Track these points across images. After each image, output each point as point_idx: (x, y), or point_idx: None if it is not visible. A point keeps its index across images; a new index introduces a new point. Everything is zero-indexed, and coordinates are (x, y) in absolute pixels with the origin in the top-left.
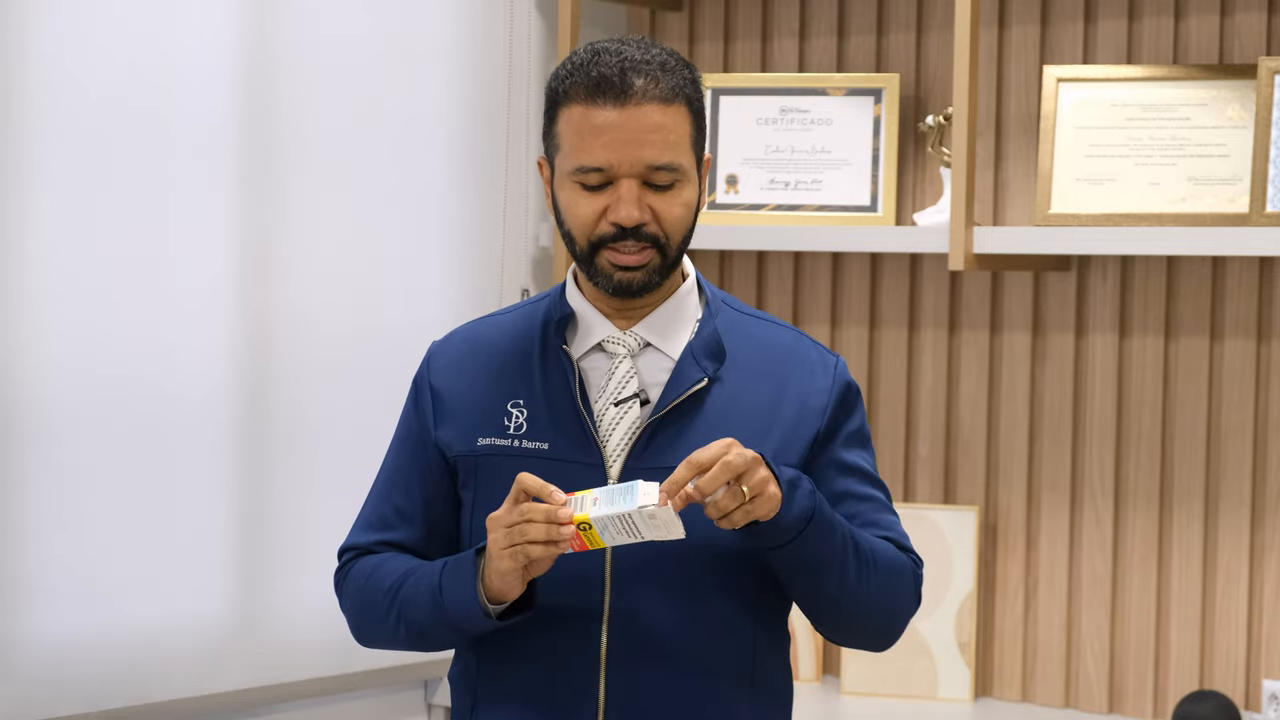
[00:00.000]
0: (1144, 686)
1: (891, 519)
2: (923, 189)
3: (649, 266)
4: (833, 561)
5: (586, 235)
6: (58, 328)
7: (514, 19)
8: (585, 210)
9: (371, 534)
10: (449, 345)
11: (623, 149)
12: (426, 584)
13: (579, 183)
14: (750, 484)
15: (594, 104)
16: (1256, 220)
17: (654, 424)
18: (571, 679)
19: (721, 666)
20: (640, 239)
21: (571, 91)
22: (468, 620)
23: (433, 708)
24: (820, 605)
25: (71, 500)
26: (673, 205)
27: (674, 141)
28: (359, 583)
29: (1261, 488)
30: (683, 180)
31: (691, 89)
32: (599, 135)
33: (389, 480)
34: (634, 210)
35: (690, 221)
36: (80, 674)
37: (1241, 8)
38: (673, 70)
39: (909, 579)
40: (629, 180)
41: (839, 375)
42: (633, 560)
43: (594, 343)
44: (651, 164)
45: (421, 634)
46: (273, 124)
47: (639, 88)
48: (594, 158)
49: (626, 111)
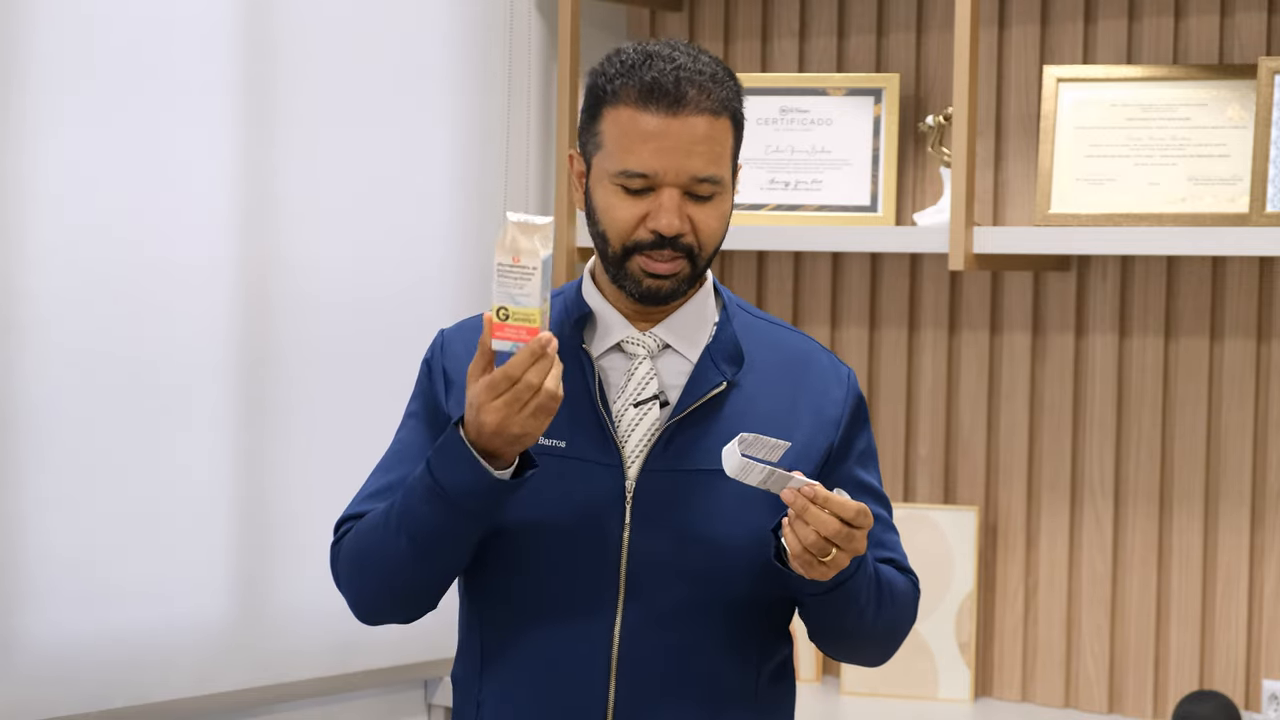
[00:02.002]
0: (1144, 686)
1: (894, 538)
2: (923, 189)
3: (679, 276)
4: (857, 607)
5: (622, 239)
6: (57, 334)
7: (514, 19)
8: (624, 214)
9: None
10: (461, 333)
11: (670, 157)
12: (422, 489)
13: (620, 185)
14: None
15: (645, 109)
16: (1256, 220)
17: (673, 426)
18: (579, 679)
19: (734, 659)
20: (676, 249)
21: (622, 92)
22: (481, 499)
23: (433, 708)
24: (831, 635)
25: (71, 500)
26: (710, 217)
27: (719, 154)
28: (353, 536)
29: (1261, 488)
30: (722, 192)
31: (737, 101)
32: (647, 141)
33: (397, 454)
34: (675, 220)
35: (724, 232)
36: (80, 674)
37: (1241, 8)
38: (722, 82)
39: (913, 605)
40: (672, 190)
41: (852, 387)
42: (648, 551)
43: (613, 343)
44: (697, 175)
45: (430, 547)
46: (272, 126)
47: (691, 98)
48: (640, 163)
49: (679, 121)
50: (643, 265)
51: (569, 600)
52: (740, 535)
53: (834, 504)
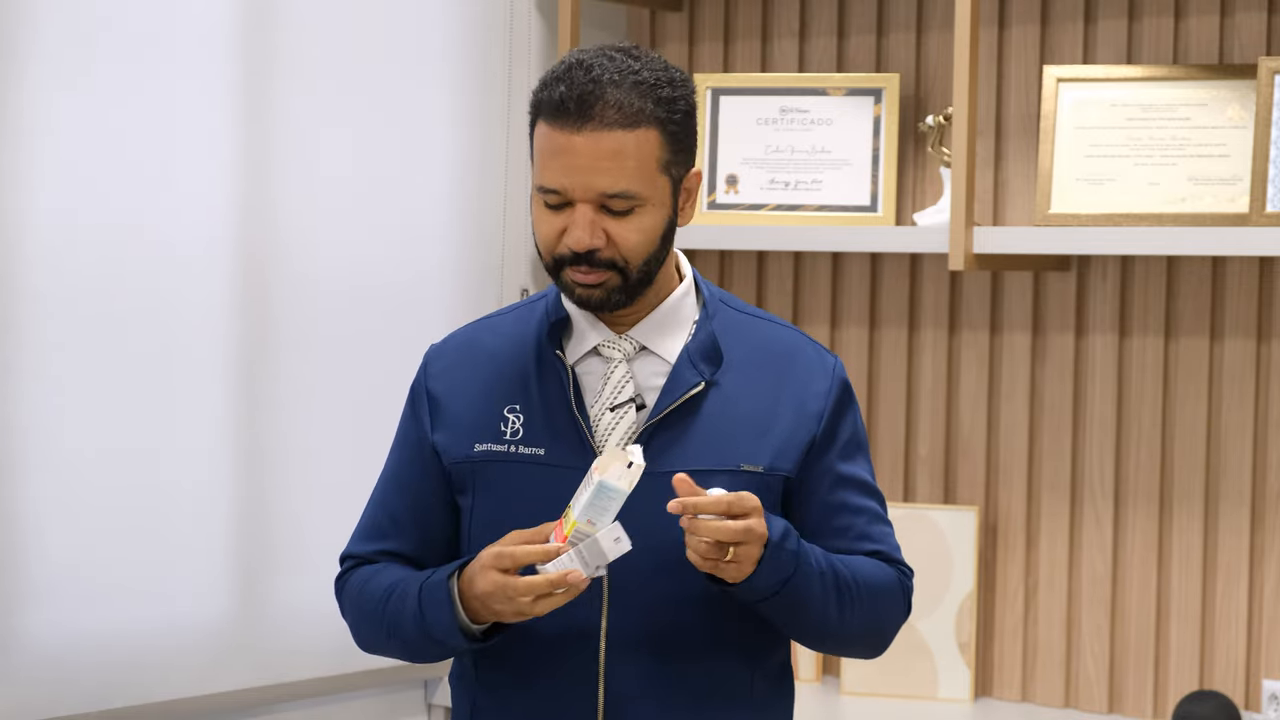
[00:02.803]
0: (1144, 686)
1: (884, 530)
2: (923, 189)
3: (607, 286)
4: (812, 607)
5: (549, 251)
6: (55, 334)
7: (514, 19)
8: (546, 229)
9: (368, 543)
10: (445, 350)
11: (576, 175)
12: (411, 610)
13: (542, 200)
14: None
15: (554, 125)
16: (1256, 220)
17: (650, 428)
18: (571, 681)
19: (724, 668)
20: (593, 264)
21: (540, 107)
22: (451, 642)
23: (433, 708)
24: (803, 637)
25: (71, 500)
26: (629, 231)
27: (632, 169)
28: (355, 594)
29: (1261, 488)
30: (642, 206)
31: (665, 109)
32: (556, 157)
33: (386, 487)
34: (585, 236)
35: (654, 245)
36: (80, 674)
37: (1241, 8)
38: (646, 91)
39: (897, 596)
40: (583, 205)
41: (836, 376)
42: (631, 573)
43: (589, 347)
44: (604, 191)
45: (416, 656)
46: (272, 127)
47: (597, 114)
48: (550, 179)
49: (583, 137)
50: (571, 276)
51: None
52: None
53: (704, 505)
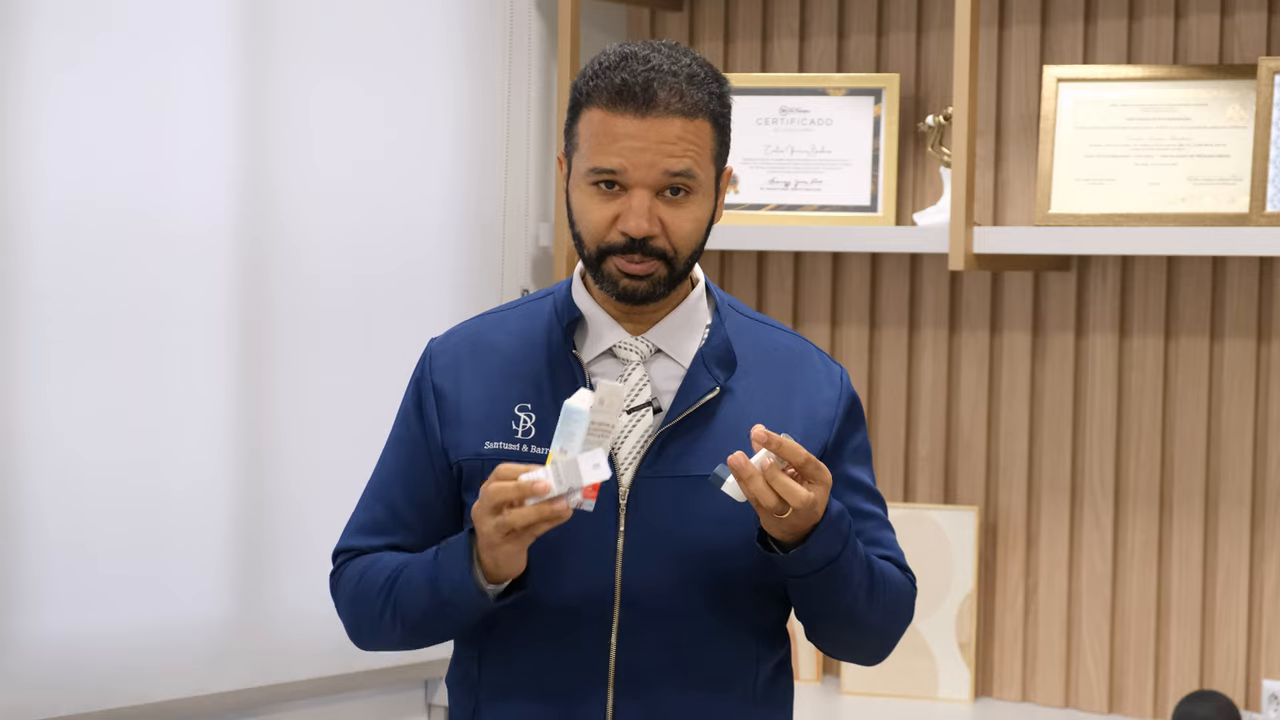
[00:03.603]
0: (1144, 686)
1: (891, 536)
2: (923, 189)
3: (654, 278)
4: (847, 592)
5: (596, 241)
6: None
7: (514, 19)
8: (597, 216)
9: (365, 538)
10: (449, 344)
11: (639, 156)
12: (422, 573)
13: (593, 184)
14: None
15: (615, 111)
16: (1256, 220)
17: (665, 433)
18: (579, 680)
19: (730, 664)
20: (647, 252)
21: (594, 94)
22: (464, 604)
23: (433, 708)
24: (825, 627)
25: (71, 500)
26: (683, 219)
27: (693, 153)
28: (352, 584)
29: (1261, 488)
30: (697, 192)
31: (717, 103)
32: (616, 141)
33: (385, 482)
34: (643, 222)
35: (701, 236)
36: (80, 674)
37: (1241, 8)
38: (700, 84)
39: (909, 600)
40: (642, 190)
41: (845, 387)
42: (642, 560)
43: (604, 348)
44: (668, 170)
45: (416, 627)
46: (271, 128)
47: (662, 100)
48: (609, 160)
49: (647, 123)
50: (618, 266)
51: (566, 607)
52: (734, 541)
53: (787, 447)
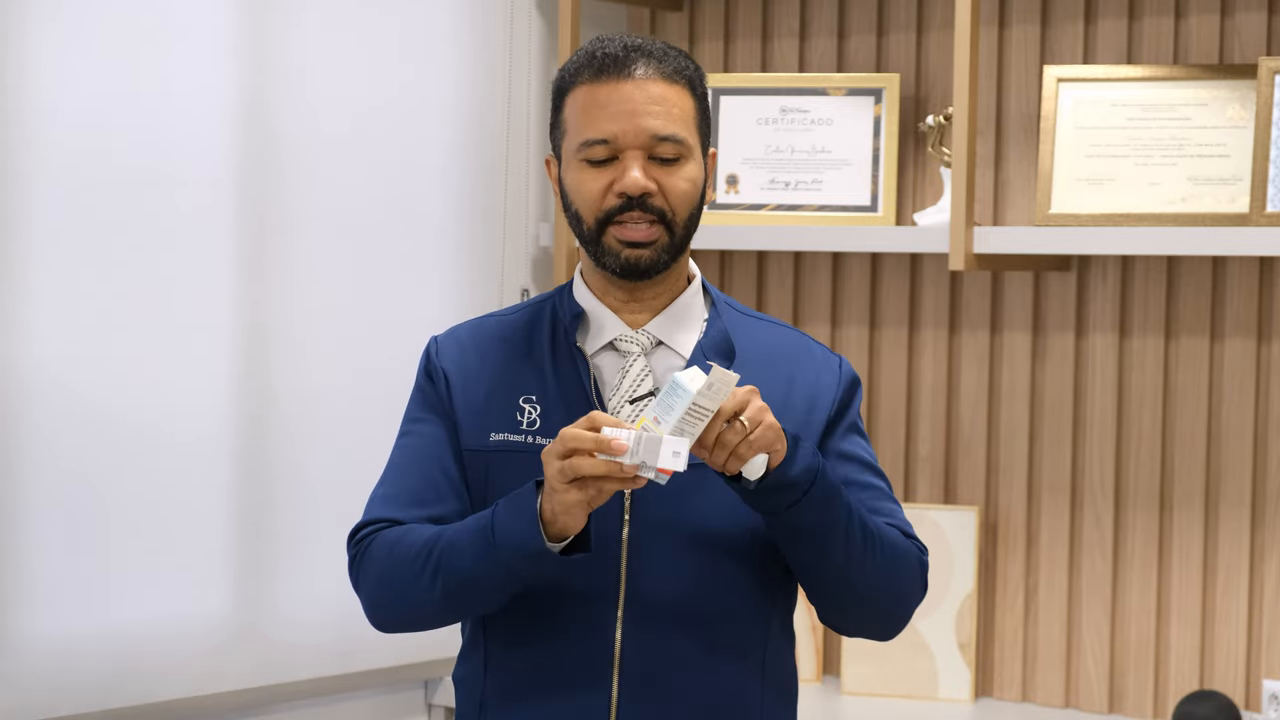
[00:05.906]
0: (1144, 686)
1: (893, 507)
2: (923, 189)
3: (657, 245)
4: (838, 527)
5: (594, 212)
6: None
7: (514, 19)
8: (592, 186)
9: (399, 509)
10: (453, 337)
11: (628, 120)
12: (475, 526)
13: (585, 159)
14: (749, 414)
15: (598, 81)
16: (1256, 220)
17: None
18: (585, 671)
19: (736, 657)
20: (646, 210)
21: (577, 75)
22: (523, 558)
23: (433, 708)
24: (826, 579)
25: (72, 500)
26: (678, 179)
27: (677, 115)
28: (384, 550)
29: (1261, 488)
30: (687, 155)
31: (694, 74)
32: (602, 108)
33: (416, 456)
34: (640, 176)
35: (695, 200)
36: (80, 674)
37: (1241, 8)
38: (674, 57)
39: (915, 562)
40: (634, 151)
41: (845, 372)
42: (647, 550)
43: (606, 341)
44: (656, 134)
45: (459, 590)
46: (271, 130)
47: (640, 64)
48: (599, 129)
49: (631, 84)
50: (618, 235)
51: (571, 599)
52: (738, 530)
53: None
